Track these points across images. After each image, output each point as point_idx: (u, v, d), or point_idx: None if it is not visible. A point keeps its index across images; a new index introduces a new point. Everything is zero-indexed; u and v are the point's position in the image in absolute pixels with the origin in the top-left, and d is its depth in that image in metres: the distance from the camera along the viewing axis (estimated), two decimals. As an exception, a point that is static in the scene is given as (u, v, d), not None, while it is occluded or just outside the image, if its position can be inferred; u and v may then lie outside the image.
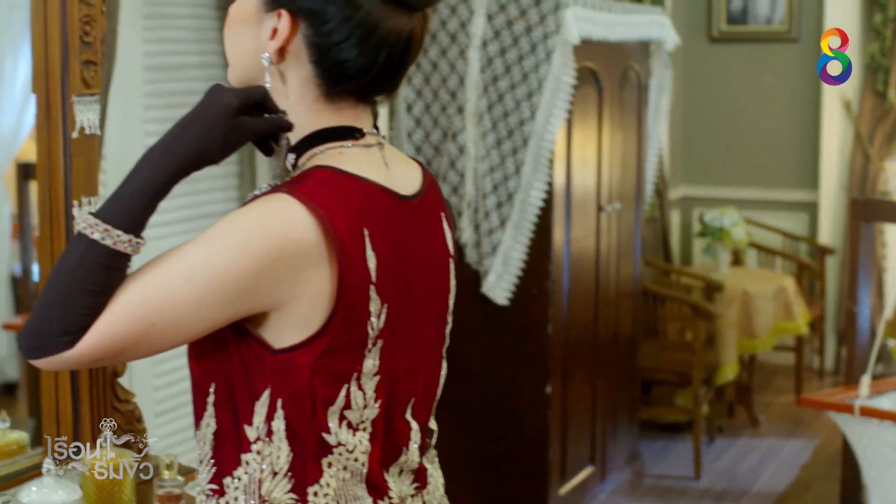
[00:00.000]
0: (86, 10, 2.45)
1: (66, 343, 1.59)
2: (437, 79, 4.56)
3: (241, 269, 1.58)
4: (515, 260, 4.50)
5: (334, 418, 1.67)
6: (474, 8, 4.47)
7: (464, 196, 4.55)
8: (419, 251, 1.77)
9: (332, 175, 1.67)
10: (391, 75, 1.72)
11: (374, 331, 1.67)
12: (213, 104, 1.64)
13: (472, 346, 4.66)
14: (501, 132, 4.47)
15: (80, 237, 1.61)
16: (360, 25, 1.66)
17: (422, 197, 1.79)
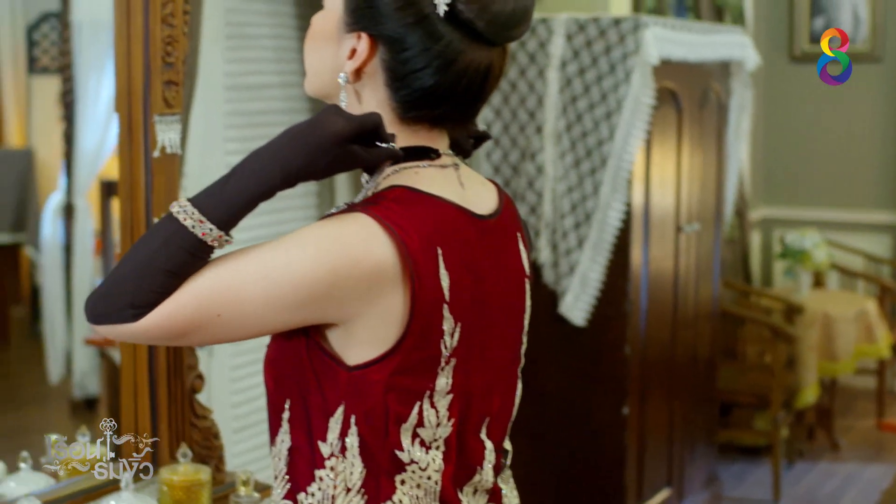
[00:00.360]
0: (168, 31, 2.49)
1: (132, 316, 1.61)
2: (516, 99, 4.56)
3: (314, 278, 1.59)
4: (593, 280, 4.48)
5: (407, 436, 1.68)
6: (553, 28, 4.47)
7: (542, 216, 4.54)
8: (494, 270, 1.77)
9: (407, 194, 1.67)
10: (466, 106, 1.73)
11: (447, 349, 1.67)
12: (326, 126, 1.62)
13: (550, 366, 4.65)
14: (580, 152, 4.46)
15: (171, 219, 1.62)
16: (439, 56, 1.66)
17: (498, 216, 1.79)
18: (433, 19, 1.66)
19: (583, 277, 4.49)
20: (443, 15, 1.65)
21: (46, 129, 6.17)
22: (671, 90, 4.67)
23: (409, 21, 1.67)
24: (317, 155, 1.62)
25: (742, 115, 5.53)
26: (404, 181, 1.70)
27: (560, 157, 4.49)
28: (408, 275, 1.61)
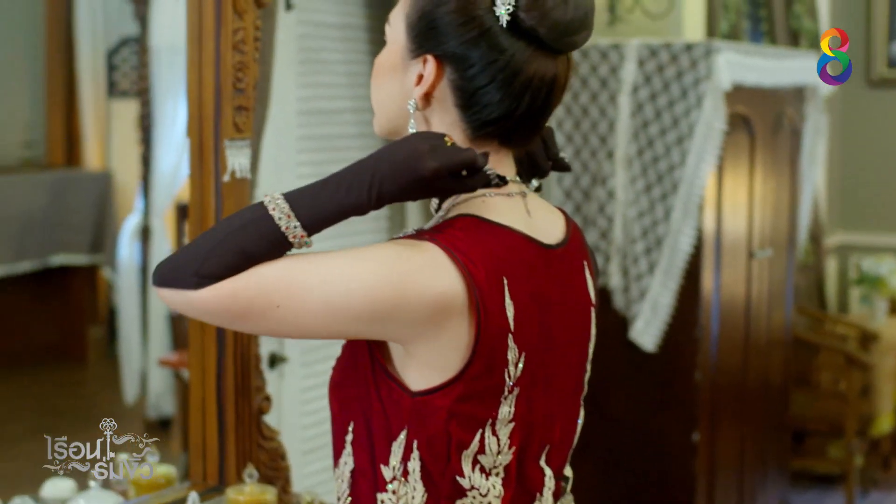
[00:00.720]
0: (239, 57, 2.53)
1: (194, 283, 1.63)
2: (588, 124, 4.56)
3: (376, 297, 1.60)
4: (664, 306, 4.47)
5: (468, 462, 1.68)
6: (625, 53, 4.48)
7: (612, 241, 4.54)
8: (560, 300, 1.77)
9: (474, 223, 1.68)
10: (534, 119, 1.73)
11: (510, 379, 1.67)
12: (423, 163, 1.63)
13: (620, 392, 4.64)
14: (651, 177, 4.46)
15: (259, 207, 1.65)
16: (504, 68, 1.67)
17: (565, 246, 1.80)
18: (495, 32, 1.67)
19: (653, 303, 4.48)
20: (505, 25, 1.67)
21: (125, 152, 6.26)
22: (744, 115, 4.66)
23: (472, 36, 1.68)
24: (412, 188, 1.64)
25: (817, 141, 5.50)
26: (472, 210, 1.71)
27: (631, 182, 4.49)
28: (473, 305, 1.62)
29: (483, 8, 1.68)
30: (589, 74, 4.53)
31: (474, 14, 1.68)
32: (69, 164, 6.53)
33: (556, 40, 1.68)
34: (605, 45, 4.53)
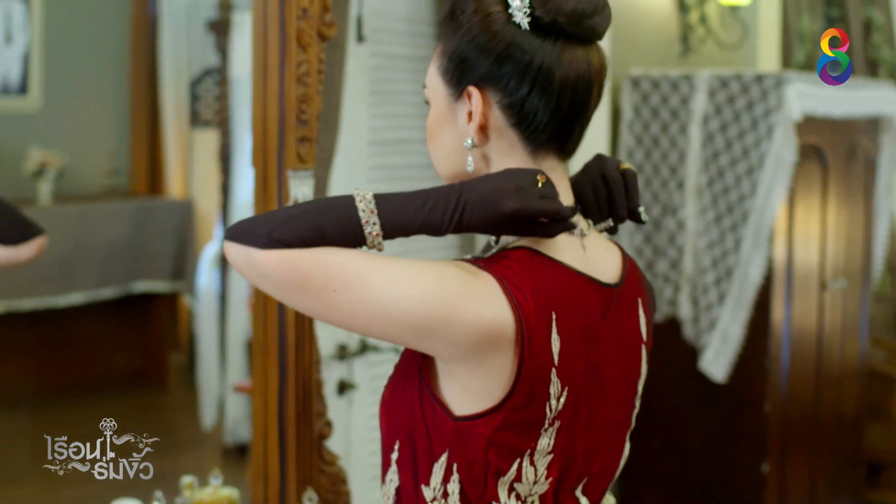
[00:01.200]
0: (302, 89, 2.59)
1: (262, 243, 1.67)
2: (658, 154, 4.58)
3: (429, 311, 1.63)
4: (734, 336, 4.46)
5: (504, 489, 1.71)
6: (696, 84, 4.49)
7: (682, 271, 4.55)
8: (611, 337, 1.80)
9: (530, 256, 1.72)
10: (579, 120, 1.77)
11: (551, 412, 1.70)
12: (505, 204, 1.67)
13: (689, 422, 4.64)
14: (721, 208, 4.46)
15: (349, 198, 1.69)
16: (539, 71, 1.71)
17: (622, 285, 1.82)
18: (519, 40, 1.72)
19: (723, 333, 4.47)
20: (528, 27, 1.71)
21: (206, 180, 6.36)
22: (816, 146, 4.64)
23: (499, 51, 1.72)
24: (491, 223, 1.69)
25: (893, 171, 5.46)
26: (529, 243, 1.74)
27: (701, 213, 4.49)
28: (519, 337, 1.65)
29: (501, 22, 1.72)
30: (660, 105, 4.55)
31: (494, 31, 1.72)
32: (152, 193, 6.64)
33: (576, 26, 1.72)
34: (676, 75, 4.55)
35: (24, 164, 5.58)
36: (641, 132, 4.61)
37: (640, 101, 4.62)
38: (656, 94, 4.56)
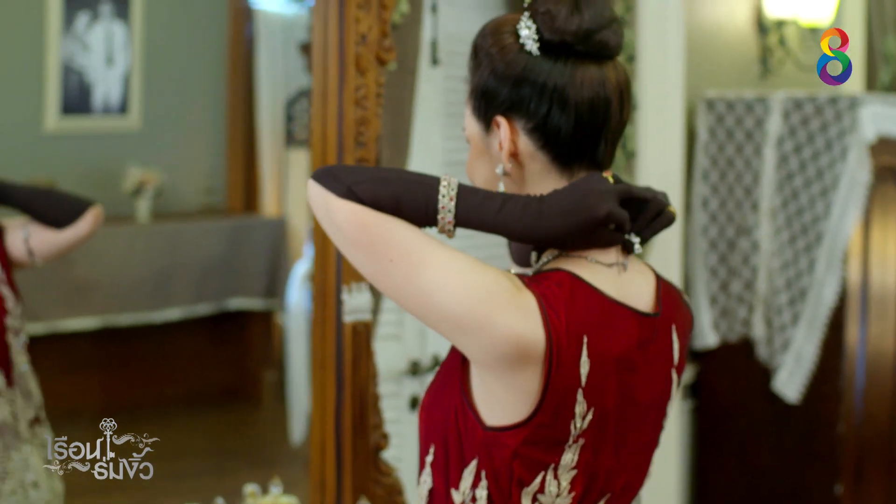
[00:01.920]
0: (361, 112, 2.69)
1: (342, 192, 1.75)
2: (733, 175, 4.62)
3: (467, 309, 1.70)
4: (807, 357, 4.48)
5: (528, 498, 1.78)
6: (771, 106, 4.52)
7: (756, 292, 4.58)
8: (646, 362, 1.84)
9: (570, 279, 1.77)
10: (602, 137, 1.83)
11: (576, 430, 1.75)
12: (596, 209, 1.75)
13: (762, 442, 4.66)
14: (795, 229, 4.49)
15: (435, 179, 1.77)
16: (554, 90, 1.78)
17: (661, 313, 1.87)
18: (532, 64, 1.79)
19: (797, 354, 4.49)
20: (539, 52, 1.78)
21: (299, 199, 6.50)
22: (892, 167, 4.65)
23: (516, 77, 1.79)
24: (575, 235, 1.76)
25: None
26: (569, 267, 1.79)
27: (775, 234, 4.52)
28: (548, 356, 1.71)
29: (514, 52, 1.80)
30: (734, 126, 4.59)
31: (509, 60, 1.80)
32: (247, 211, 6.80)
33: (585, 43, 1.78)
34: (751, 97, 4.59)
35: (124, 182, 5.75)
36: (716, 154, 4.66)
37: (715, 122, 4.66)
38: (731, 115, 4.60)
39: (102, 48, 5.65)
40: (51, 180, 5.21)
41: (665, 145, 4.39)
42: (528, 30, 1.79)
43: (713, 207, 4.67)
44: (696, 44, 4.73)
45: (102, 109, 5.74)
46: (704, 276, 4.72)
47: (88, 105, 5.69)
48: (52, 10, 5.15)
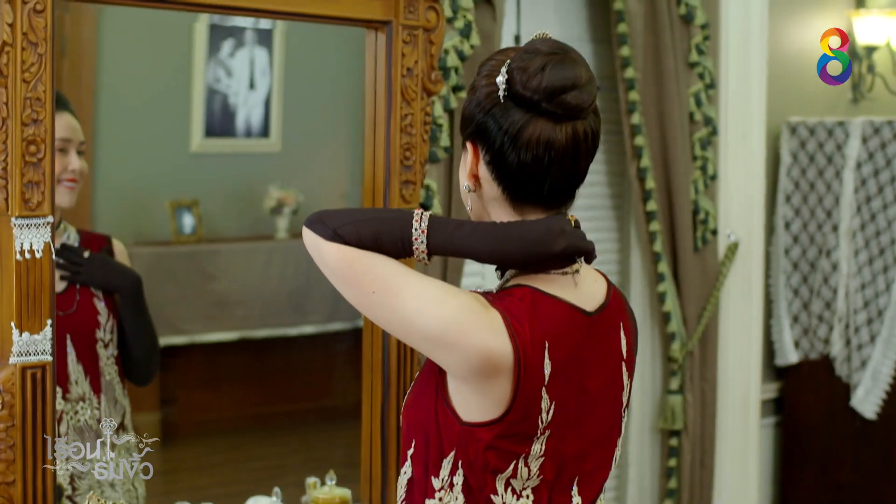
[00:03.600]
0: (407, 139, 2.95)
1: (329, 236, 2.01)
2: (814, 198, 4.75)
3: (443, 330, 1.94)
4: (884, 375, 4.59)
5: (501, 483, 2.01)
6: (850, 130, 4.65)
7: (835, 311, 4.70)
8: (596, 356, 2.07)
9: (530, 294, 2.01)
10: (549, 182, 2.01)
11: (542, 424, 1.99)
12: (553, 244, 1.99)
13: (842, 457, 4.77)
14: (873, 250, 4.60)
15: (410, 213, 2.03)
16: (508, 131, 1.99)
17: (604, 310, 2.10)
18: (501, 105, 2.00)
19: (874, 372, 4.60)
20: (505, 99, 1.99)
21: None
22: (972, 191, 4.73)
23: (486, 109, 2.02)
24: (533, 262, 2.01)
25: None
26: (530, 282, 2.03)
27: (854, 255, 4.64)
28: (516, 365, 1.94)
29: (489, 91, 2.02)
30: (815, 151, 4.73)
31: (488, 92, 2.03)
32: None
33: (547, 101, 1.98)
34: (831, 122, 4.72)
35: (265, 201, 6.07)
36: (799, 177, 4.79)
37: (798, 146, 4.80)
38: (813, 140, 4.74)
39: (245, 73, 5.97)
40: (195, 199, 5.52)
41: (748, 169, 4.54)
42: (503, 77, 2.00)
43: (795, 229, 4.81)
44: (786, 70, 4.86)
45: (246, 132, 6.06)
46: (787, 296, 4.86)
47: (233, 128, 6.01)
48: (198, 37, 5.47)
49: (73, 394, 2.91)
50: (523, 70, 2.00)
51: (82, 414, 2.92)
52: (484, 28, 3.71)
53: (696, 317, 4.38)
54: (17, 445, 2.44)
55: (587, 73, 2.02)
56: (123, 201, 4.90)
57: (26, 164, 2.43)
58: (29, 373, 2.46)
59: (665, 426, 4.38)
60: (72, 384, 2.91)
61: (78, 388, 2.93)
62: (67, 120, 2.87)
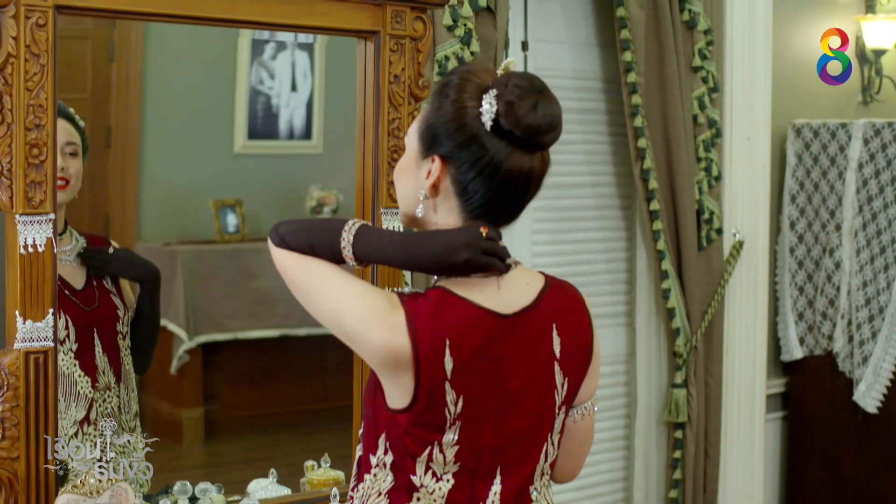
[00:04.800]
0: (394, 142, 3.13)
1: (278, 243, 2.23)
2: (818, 198, 4.89)
3: (352, 327, 2.14)
4: (885, 370, 4.71)
5: (421, 466, 2.20)
6: (852, 132, 4.78)
7: (839, 308, 4.83)
8: (516, 356, 2.22)
9: (441, 295, 2.18)
10: (514, 205, 2.20)
11: (451, 415, 2.16)
12: (458, 255, 2.14)
13: (847, 451, 4.90)
14: (874, 249, 4.73)
15: (341, 223, 2.22)
16: (487, 165, 2.14)
17: (526, 313, 2.24)
18: (481, 135, 2.15)
19: (875, 367, 4.73)
20: (489, 129, 2.13)
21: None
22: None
23: (464, 140, 2.17)
24: (442, 270, 2.18)
25: None
26: (447, 284, 2.21)
27: (856, 254, 4.77)
28: (415, 359, 2.12)
29: (471, 117, 2.16)
30: (819, 152, 4.86)
31: (465, 122, 2.17)
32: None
33: (530, 139, 2.13)
34: (834, 124, 4.85)
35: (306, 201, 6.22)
36: (804, 178, 4.93)
37: (803, 148, 4.94)
38: (816, 142, 4.87)
39: (287, 75, 6.11)
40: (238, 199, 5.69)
41: (753, 170, 4.69)
42: (490, 107, 2.14)
43: (800, 228, 4.95)
44: (796, 73, 5.00)
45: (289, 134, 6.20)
46: (793, 294, 4.99)
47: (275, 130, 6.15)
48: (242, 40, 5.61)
49: (100, 383, 3.10)
50: (513, 107, 2.12)
51: (109, 401, 3.11)
52: (485, 35, 3.89)
53: (701, 313, 4.53)
54: (20, 424, 2.64)
55: (560, 111, 2.18)
56: (169, 201, 5.06)
57: (29, 166, 2.63)
58: (32, 357, 2.65)
59: (670, 419, 4.53)
60: (100, 374, 3.10)
61: (105, 377, 3.11)
62: (62, 125, 3.01)
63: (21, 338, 2.65)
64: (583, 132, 4.61)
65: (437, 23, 3.76)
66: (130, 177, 3.88)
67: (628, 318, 4.71)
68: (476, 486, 2.23)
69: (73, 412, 3.02)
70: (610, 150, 4.66)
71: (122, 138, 3.91)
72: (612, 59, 4.52)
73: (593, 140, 4.65)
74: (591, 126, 4.64)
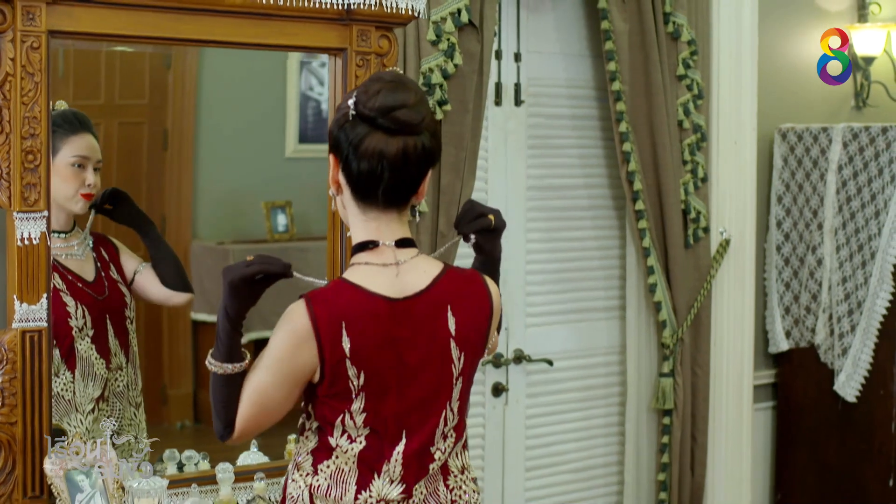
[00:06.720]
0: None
1: (228, 433, 2.57)
2: (802, 199, 5.15)
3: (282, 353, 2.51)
4: (863, 362, 4.96)
5: (338, 430, 2.57)
6: (833, 136, 5.04)
7: (820, 303, 5.09)
8: (413, 335, 2.56)
9: (340, 284, 2.55)
10: (383, 183, 2.51)
11: (354, 388, 2.52)
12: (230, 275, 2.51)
13: (829, 440, 5.15)
14: (853, 247, 4.98)
15: (210, 374, 2.58)
16: (352, 143, 2.50)
17: (419, 297, 2.57)
18: (350, 122, 2.51)
19: (854, 359, 4.97)
20: (352, 116, 2.49)
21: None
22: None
23: (339, 125, 2.53)
24: (232, 296, 2.52)
25: None
26: (347, 275, 2.57)
27: (836, 251, 5.03)
28: (316, 338, 2.48)
29: (343, 112, 2.53)
30: (803, 155, 5.12)
31: (338, 117, 2.54)
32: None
33: (383, 118, 2.48)
34: (817, 128, 5.10)
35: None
36: (789, 179, 5.19)
37: (788, 151, 5.19)
38: (801, 145, 5.13)
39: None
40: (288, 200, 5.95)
41: (739, 172, 4.95)
42: (352, 100, 2.52)
43: (786, 227, 5.21)
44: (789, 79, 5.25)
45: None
46: (779, 289, 5.26)
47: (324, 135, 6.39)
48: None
49: (113, 364, 3.41)
50: (365, 93, 2.50)
51: (120, 381, 3.42)
52: (469, 48, 4.15)
53: (688, 307, 4.80)
54: (18, 394, 3.00)
55: (416, 97, 2.52)
56: (222, 203, 5.31)
57: (25, 170, 2.99)
58: (28, 335, 3.01)
59: (657, 406, 4.80)
60: (113, 356, 3.41)
61: (117, 358, 3.42)
62: (88, 140, 3.36)
63: (18, 318, 3.00)
64: (576, 137, 4.85)
65: (421, 37, 4.05)
66: (186, 179, 3.99)
67: (621, 311, 4.97)
68: (384, 447, 2.57)
69: (90, 391, 3.33)
70: (602, 154, 4.91)
71: (178, 142, 4.00)
72: (603, 68, 4.76)
73: (586, 144, 4.88)
74: (584, 131, 4.87)
